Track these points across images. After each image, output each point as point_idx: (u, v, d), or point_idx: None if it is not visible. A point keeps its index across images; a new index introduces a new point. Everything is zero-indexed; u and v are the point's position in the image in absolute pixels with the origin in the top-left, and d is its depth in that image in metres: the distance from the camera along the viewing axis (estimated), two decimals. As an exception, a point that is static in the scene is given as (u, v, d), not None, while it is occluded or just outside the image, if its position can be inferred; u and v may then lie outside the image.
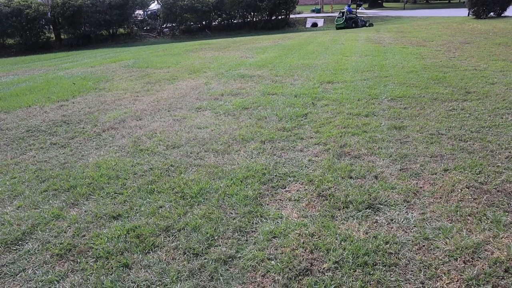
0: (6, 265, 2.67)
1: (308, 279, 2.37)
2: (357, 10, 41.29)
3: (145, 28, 33.09)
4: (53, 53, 23.01)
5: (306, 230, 2.83)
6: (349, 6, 31.56)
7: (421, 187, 3.36)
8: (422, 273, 2.38)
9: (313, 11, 45.48)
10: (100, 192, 3.58)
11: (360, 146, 4.26)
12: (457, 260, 2.46)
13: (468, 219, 2.88)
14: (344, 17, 29.58)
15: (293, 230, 2.84)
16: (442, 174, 3.57)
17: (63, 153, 4.60)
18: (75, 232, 2.98)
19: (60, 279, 2.51)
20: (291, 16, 36.14)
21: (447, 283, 2.29)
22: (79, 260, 2.67)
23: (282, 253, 2.60)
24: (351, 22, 29.37)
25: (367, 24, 29.25)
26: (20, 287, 2.46)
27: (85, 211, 3.27)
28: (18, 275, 2.57)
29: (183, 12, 31.06)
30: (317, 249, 2.63)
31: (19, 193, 3.66)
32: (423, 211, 3.01)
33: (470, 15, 24.77)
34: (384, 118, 5.14)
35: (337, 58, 10.36)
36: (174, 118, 5.65)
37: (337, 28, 29.02)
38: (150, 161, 4.19)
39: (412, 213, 3.00)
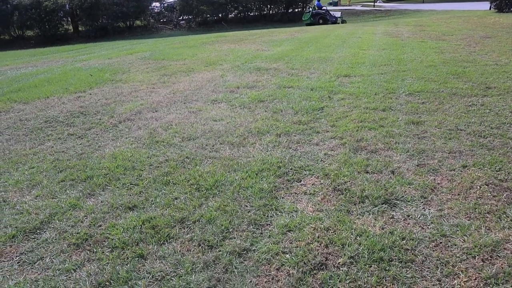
0: (25, 253, 2.71)
1: (323, 273, 2.35)
2: (375, 3, 40.74)
3: (161, 20, 33.22)
4: (71, 45, 23.23)
5: (321, 224, 2.82)
6: (318, 0, 29.58)
7: (438, 183, 3.31)
8: (439, 270, 2.34)
9: (330, 4, 45.05)
10: (116, 183, 3.60)
11: (376, 141, 4.21)
12: (475, 258, 2.42)
13: (487, 217, 2.83)
14: (310, 12, 28.12)
15: (308, 224, 2.83)
16: (461, 171, 3.51)
17: (80, 144, 4.65)
18: (92, 222, 3.01)
19: (76, 268, 2.54)
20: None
21: (464, 281, 2.25)
22: (95, 250, 2.70)
23: (297, 247, 2.59)
24: (317, 18, 27.82)
25: (338, 21, 27.55)
26: (38, 275, 2.50)
27: (101, 202, 3.31)
28: (36, 263, 2.61)
29: (199, 4, 31.08)
30: (332, 243, 2.61)
31: (37, 183, 3.71)
32: (440, 208, 2.96)
33: (492, 8, 24.24)
34: (402, 112, 5.07)
35: (354, 52, 10.25)
36: (189, 110, 5.66)
37: (306, 24, 27.78)
38: (166, 152, 4.21)
39: (429, 209, 2.95)
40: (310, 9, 28.52)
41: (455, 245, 2.55)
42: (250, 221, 2.90)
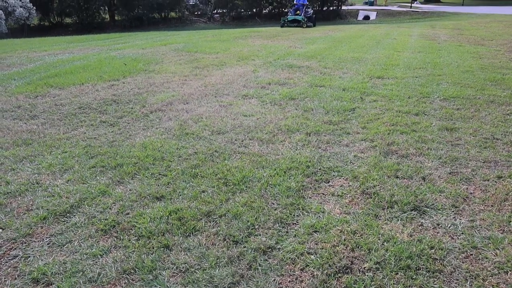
0: (55, 235, 2.77)
1: (347, 277, 2.32)
2: (412, 4, 39.91)
3: (195, 13, 33.45)
4: (107, 33, 23.66)
5: (348, 227, 2.78)
6: None
7: (471, 193, 3.22)
8: (468, 283, 2.28)
9: (365, 3, 44.44)
10: (145, 172, 3.65)
11: (408, 145, 4.13)
12: (507, 273, 2.34)
13: (521, 231, 2.73)
14: None
15: (334, 226, 2.79)
16: (495, 181, 3.40)
17: (112, 132, 4.73)
18: (120, 210, 3.06)
19: (103, 254, 2.58)
20: (343, 7, 35.46)
21: (495, 296, 2.18)
22: (122, 237, 2.74)
23: (323, 248, 2.57)
24: None
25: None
26: (66, 258, 2.55)
27: (130, 190, 3.35)
28: (65, 246, 2.67)
29: (234, -2, 31.13)
30: (358, 247, 2.57)
31: (69, 167, 3.80)
32: (472, 218, 2.88)
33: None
34: (435, 118, 4.95)
35: (389, 53, 10.07)
36: (220, 104, 5.68)
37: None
38: (195, 145, 4.24)
39: (460, 219, 2.87)
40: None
41: (487, 258, 2.47)
42: (276, 219, 2.89)
